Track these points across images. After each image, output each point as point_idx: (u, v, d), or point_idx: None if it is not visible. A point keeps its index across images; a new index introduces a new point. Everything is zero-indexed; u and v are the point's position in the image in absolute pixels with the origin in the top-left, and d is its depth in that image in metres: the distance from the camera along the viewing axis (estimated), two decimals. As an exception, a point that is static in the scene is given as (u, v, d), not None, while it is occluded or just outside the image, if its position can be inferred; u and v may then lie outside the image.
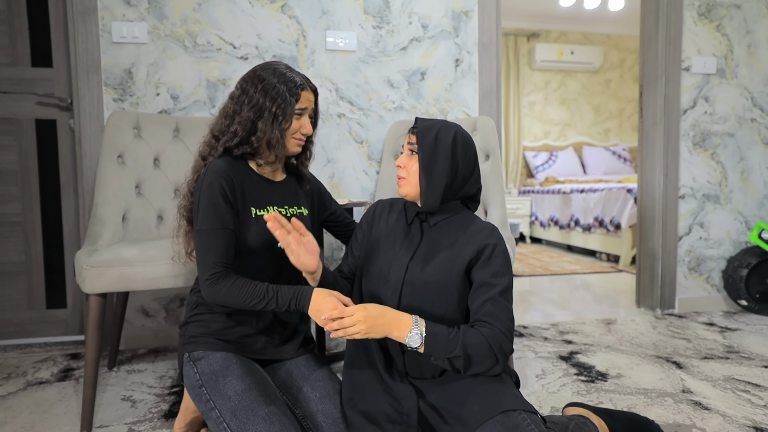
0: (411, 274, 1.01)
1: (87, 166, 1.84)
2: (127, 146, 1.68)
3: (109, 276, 1.26)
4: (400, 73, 2.06)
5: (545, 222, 4.80)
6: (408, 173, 1.04)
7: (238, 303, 0.98)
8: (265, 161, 1.10)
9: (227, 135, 1.07)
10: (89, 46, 1.81)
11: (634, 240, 3.55)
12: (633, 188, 3.57)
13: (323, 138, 2.02)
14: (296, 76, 1.08)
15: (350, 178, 2.05)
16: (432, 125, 1.03)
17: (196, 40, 1.90)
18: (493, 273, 0.98)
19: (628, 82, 5.76)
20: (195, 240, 1.03)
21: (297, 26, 1.98)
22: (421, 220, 1.07)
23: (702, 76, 2.34)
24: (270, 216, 0.92)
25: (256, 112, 1.05)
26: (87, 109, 1.83)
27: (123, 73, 1.86)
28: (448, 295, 0.99)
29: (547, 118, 5.67)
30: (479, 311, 0.97)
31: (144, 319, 1.92)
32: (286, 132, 1.08)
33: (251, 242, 1.06)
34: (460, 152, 1.02)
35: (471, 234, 1.02)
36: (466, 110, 2.13)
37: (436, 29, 2.08)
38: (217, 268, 0.99)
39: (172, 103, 1.90)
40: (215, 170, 1.03)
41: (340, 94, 2.02)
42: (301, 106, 1.08)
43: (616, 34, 5.71)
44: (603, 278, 3.24)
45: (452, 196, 1.04)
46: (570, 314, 2.36)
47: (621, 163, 5.46)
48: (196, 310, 1.10)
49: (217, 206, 1.01)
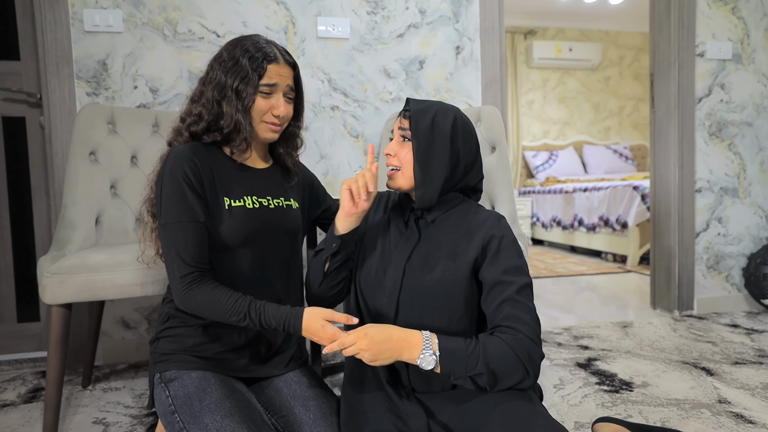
0: (409, 278, 0.89)
1: (58, 166, 1.70)
2: (100, 143, 1.55)
3: (73, 284, 1.12)
4: (397, 61, 1.94)
5: (547, 223, 4.70)
6: (401, 162, 0.92)
7: (215, 315, 0.85)
8: (237, 149, 0.97)
9: (191, 118, 0.95)
10: (59, 36, 1.68)
11: (641, 239, 3.43)
12: (639, 185, 3.46)
13: (316, 132, 1.89)
14: (266, 47, 0.94)
15: (346, 174, 1.92)
16: (427, 108, 0.91)
17: (177, 28, 1.78)
18: (505, 269, 0.86)
19: (627, 80, 5.69)
20: (160, 237, 0.89)
21: (285, 12, 1.85)
22: (417, 217, 0.95)
23: (717, 62, 2.23)
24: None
25: (219, 92, 0.93)
26: (58, 105, 1.69)
27: (97, 65, 1.73)
28: (453, 300, 0.87)
29: (546, 116, 5.59)
30: (497, 315, 0.85)
31: (124, 331, 1.77)
32: (251, 113, 0.94)
33: (224, 238, 0.92)
34: (460, 139, 0.91)
35: (474, 227, 0.91)
36: (468, 100, 2.01)
37: (435, 15, 1.97)
38: (190, 269, 0.86)
39: (151, 96, 1.77)
40: (176, 154, 0.90)
41: (334, 85, 1.89)
42: (268, 81, 0.93)
43: (615, 31, 5.64)
44: (611, 279, 3.12)
45: (451, 188, 0.93)
46: (581, 318, 2.25)
47: (623, 161, 5.37)
48: (169, 323, 0.96)
49: (182, 195, 0.88)
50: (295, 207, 1.06)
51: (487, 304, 0.87)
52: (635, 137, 5.74)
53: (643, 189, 3.42)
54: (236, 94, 0.92)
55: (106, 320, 1.76)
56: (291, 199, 1.06)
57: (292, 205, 1.05)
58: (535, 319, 0.84)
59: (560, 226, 4.46)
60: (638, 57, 5.69)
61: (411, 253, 0.93)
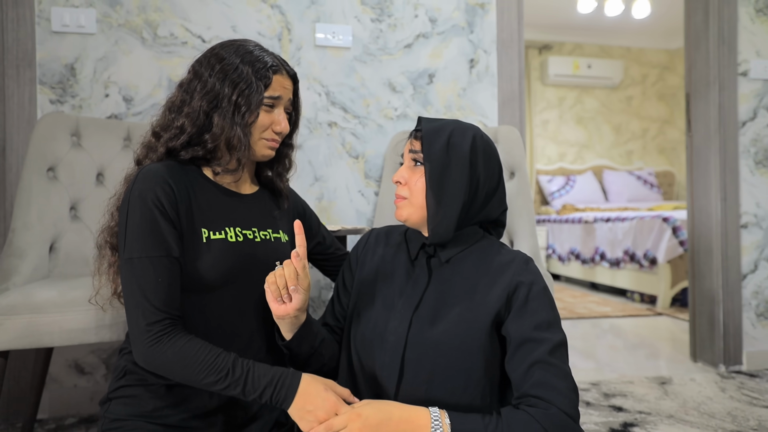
0: (416, 331, 0.82)
1: (11, 182, 1.62)
2: (61, 157, 1.47)
3: (12, 327, 1.02)
4: (404, 74, 1.89)
5: (564, 256, 4.62)
6: (410, 191, 0.86)
7: (188, 377, 0.75)
8: (223, 168, 0.89)
9: (171, 131, 0.87)
10: (21, 35, 1.61)
11: (673, 277, 3.34)
12: (670, 217, 3.39)
13: (310, 151, 1.81)
14: (267, 56, 0.90)
15: (343, 200, 1.83)
16: (442, 127, 0.86)
17: (157, 31, 1.72)
18: (536, 324, 0.79)
19: (651, 100, 5.70)
20: (123, 275, 0.79)
21: (280, 17, 1.80)
22: (429, 255, 0.89)
23: (762, 82, 2.19)
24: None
25: (210, 101, 0.86)
26: (15, 112, 1.62)
27: (64, 69, 1.66)
28: (470, 359, 0.80)
29: (563, 138, 5.59)
30: (525, 381, 0.77)
31: (76, 377, 1.65)
32: (252, 128, 0.88)
33: (200, 277, 0.83)
34: (480, 162, 0.85)
35: (496, 270, 0.84)
36: (483, 119, 1.95)
37: (447, 24, 1.93)
38: (159, 315, 0.76)
39: (125, 106, 1.70)
40: (147, 175, 0.82)
41: (332, 99, 1.83)
42: (272, 93, 0.88)
43: (637, 47, 5.69)
44: (639, 323, 3.02)
45: (470, 220, 0.87)
46: (609, 369, 2.14)
47: (647, 189, 5.33)
48: (124, 380, 0.86)
49: (153, 224, 0.79)
50: (285, 240, 0.98)
51: (513, 365, 0.79)
52: (661, 162, 5.73)
53: (674, 221, 3.35)
54: (235, 106, 0.85)
55: (55, 363, 1.64)
56: (280, 231, 0.98)
57: (281, 238, 0.97)
58: (572, 387, 0.76)
59: (579, 259, 4.37)
60: (663, 76, 5.72)
61: (420, 301, 0.85)
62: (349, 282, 0.98)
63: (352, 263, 0.99)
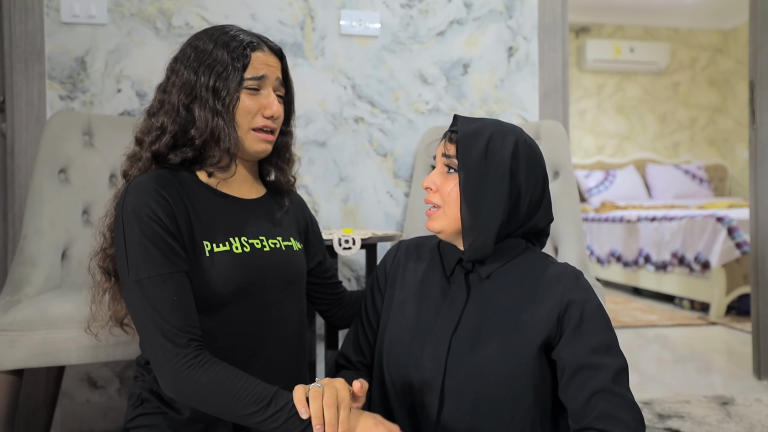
0: (456, 356, 0.80)
1: (20, 183, 1.64)
2: (73, 158, 1.49)
3: (27, 344, 1.03)
4: (436, 64, 1.86)
5: (604, 257, 4.55)
6: (443, 200, 0.84)
7: (223, 407, 0.73)
8: (216, 167, 0.87)
9: (152, 133, 0.85)
10: (30, 27, 1.63)
11: (729, 283, 3.27)
12: (725, 216, 3.31)
13: (335, 149, 1.80)
14: (244, 34, 0.87)
15: (370, 201, 1.82)
16: (480, 129, 0.83)
17: (171, 20, 1.72)
18: (594, 348, 0.77)
19: (701, 86, 5.57)
20: (131, 300, 0.78)
21: (303, 4, 1.79)
22: (467, 271, 0.86)
23: (836, 70, 2.10)
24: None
25: (188, 94, 0.84)
26: (24, 109, 1.64)
27: (74, 63, 1.68)
28: (517, 386, 0.78)
29: (601, 129, 5.51)
30: (587, 413, 0.75)
31: (89, 392, 1.68)
32: (235, 114, 0.85)
33: (210, 294, 0.82)
34: (522, 171, 0.83)
35: (544, 287, 0.82)
36: (522, 113, 1.92)
37: (483, 9, 1.89)
38: (183, 338, 0.75)
39: (138, 102, 1.71)
40: (138, 189, 0.80)
41: (358, 92, 1.82)
42: (254, 73, 0.86)
43: (686, 28, 5.56)
44: (691, 333, 2.95)
45: (511, 233, 0.85)
46: (659, 385, 2.09)
47: (696, 184, 5.22)
48: (141, 408, 0.86)
49: (156, 239, 0.78)
50: (297, 248, 0.96)
51: (570, 395, 0.78)
52: (711, 155, 5.60)
53: (729, 221, 3.27)
54: (213, 93, 0.83)
55: (66, 377, 1.66)
56: (291, 239, 0.96)
57: (293, 246, 0.95)
58: (638, 418, 0.75)
59: (621, 262, 4.30)
60: (715, 59, 5.58)
61: (458, 322, 0.83)
62: (378, 303, 0.96)
63: (380, 281, 0.97)
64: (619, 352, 0.79)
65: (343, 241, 1.22)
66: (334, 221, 1.82)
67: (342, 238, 1.23)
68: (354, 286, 1.83)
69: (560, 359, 0.79)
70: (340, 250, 1.22)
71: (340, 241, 1.23)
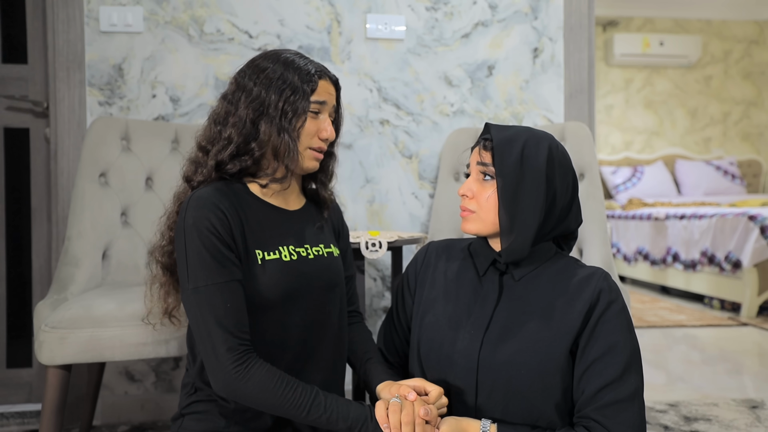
0: (488, 353, 0.84)
1: (63, 186, 1.72)
2: (112, 162, 1.56)
3: (75, 341, 1.10)
4: (461, 67, 1.88)
5: (630, 255, 4.50)
6: (479, 206, 0.88)
7: (271, 408, 0.83)
8: (271, 178, 0.94)
9: (219, 144, 0.92)
10: (71, 37, 1.71)
11: (761, 283, 3.21)
12: (758, 215, 3.24)
13: (361, 151, 1.84)
14: (310, 64, 0.95)
15: (396, 203, 1.86)
16: (514, 137, 0.87)
17: (203, 27, 1.78)
18: (610, 345, 0.81)
19: (735, 79, 5.44)
20: (189, 306, 0.86)
21: (329, 9, 1.83)
22: (501, 272, 0.90)
23: None
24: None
25: (256, 109, 0.91)
26: (66, 115, 1.72)
27: (111, 70, 1.75)
28: (548, 380, 0.82)
29: (629, 125, 5.44)
30: (589, 403, 0.81)
31: (127, 385, 1.76)
32: (300, 134, 0.92)
33: (261, 299, 0.89)
34: (557, 175, 0.87)
35: (574, 288, 0.85)
36: (547, 114, 1.92)
37: (509, 10, 1.90)
38: (234, 342, 0.83)
39: (172, 107, 1.78)
40: (199, 203, 0.87)
41: (384, 95, 1.85)
42: (318, 98, 0.93)
43: (719, 20, 5.42)
44: (721, 334, 2.91)
45: (544, 236, 0.89)
46: (688, 387, 2.08)
47: (728, 180, 5.10)
48: (195, 396, 0.94)
49: (214, 251, 0.85)
50: (337, 254, 1.03)
51: (581, 385, 0.83)
52: (744, 150, 5.47)
53: (762, 219, 3.20)
54: (281, 113, 0.90)
55: (106, 370, 1.75)
56: (331, 246, 1.03)
57: (333, 252, 1.02)
58: (638, 423, 0.80)
59: (648, 260, 4.25)
60: (749, 51, 5.44)
61: (490, 320, 0.86)
62: (408, 305, 1.00)
63: (410, 282, 1.01)
64: (635, 349, 0.82)
65: (370, 245, 1.26)
66: (360, 222, 1.86)
67: (369, 241, 1.27)
68: (379, 285, 1.87)
69: (580, 351, 0.83)
70: (367, 253, 1.26)
71: (367, 245, 1.27)
